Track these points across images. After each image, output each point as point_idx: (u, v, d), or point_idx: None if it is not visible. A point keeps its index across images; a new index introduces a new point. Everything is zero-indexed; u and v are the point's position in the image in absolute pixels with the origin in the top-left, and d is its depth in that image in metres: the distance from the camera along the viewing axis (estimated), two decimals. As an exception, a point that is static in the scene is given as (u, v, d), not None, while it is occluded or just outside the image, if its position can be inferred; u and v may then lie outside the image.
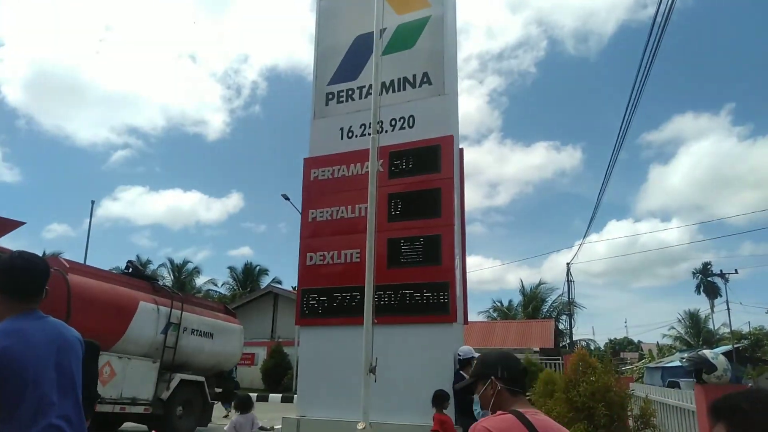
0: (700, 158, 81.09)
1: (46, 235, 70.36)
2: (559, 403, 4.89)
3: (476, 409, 1.80)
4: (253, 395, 20.59)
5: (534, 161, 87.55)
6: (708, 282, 47.20)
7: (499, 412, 1.93)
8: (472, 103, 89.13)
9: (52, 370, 2.08)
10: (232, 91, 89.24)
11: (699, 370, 4.88)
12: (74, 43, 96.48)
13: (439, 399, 6.29)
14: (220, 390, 12.17)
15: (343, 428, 7.14)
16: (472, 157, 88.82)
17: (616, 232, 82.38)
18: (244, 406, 6.92)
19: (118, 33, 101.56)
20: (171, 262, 42.03)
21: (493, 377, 2.01)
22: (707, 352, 4.69)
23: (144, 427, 10.31)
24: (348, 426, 6.19)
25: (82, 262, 15.12)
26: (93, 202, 28.10)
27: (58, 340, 2.17)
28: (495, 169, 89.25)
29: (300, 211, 9.37)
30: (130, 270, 11.32)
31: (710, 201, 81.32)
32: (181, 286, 37.24)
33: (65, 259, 9.15)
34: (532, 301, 39.46)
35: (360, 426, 5.00)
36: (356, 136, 9.08)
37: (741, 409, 1.18)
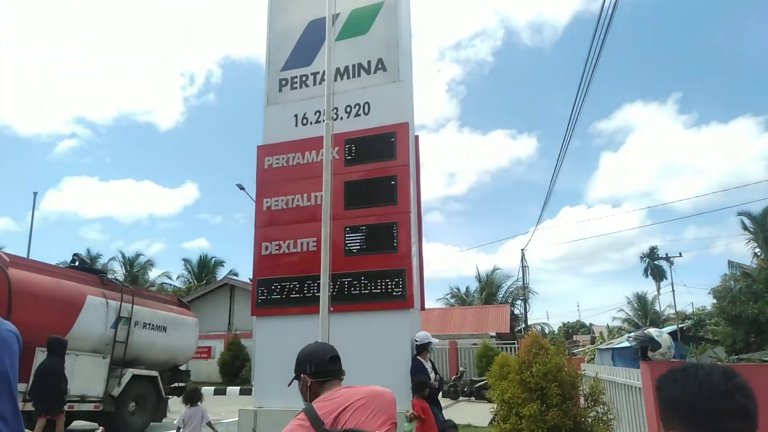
0: (647, 146, 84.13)
1: (-15, 229, 66.83)
2: (513, 385, 4.99)
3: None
4: (211, 389, 20.30)
5: (491, 150, 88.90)
6: (654, 265, 49.15)
7: (317, 399, 2.07)
8: (430, 92, 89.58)
9: None
10: (185, 79, 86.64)
11: (645, 347, 5.07)
12: (15, 23, 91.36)
13: (418, 386, 6.39)
14: (178, 384, 11.90)
15: (300, 417, 7.09)
16: (431, 145, 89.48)
17: (569, 219, 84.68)
18: (192, 398, 6.75)
19: (63, 13, 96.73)
20: (122, 255, 40.74)
21: (303, 374, 2.18)
22: (652, 331, 4.88)
23: (94, 424, 9.99)
24: (306, 415, 6.15)
25: (25, 256, 14.41)
26: (35, 194, 26.89)
27: None
28: (453, 158, 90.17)
29: (255, 200, 9.21)
30: (77, 263, 10.88)
31: (657, 187, 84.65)
32: (134, 279, 36.15)
33: (5, 253, 8.70)
34: (488, 288, 40.27)
35: (317, 414, 4.97)
36: (311, 123, 8.97)
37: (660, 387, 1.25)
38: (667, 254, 37.90)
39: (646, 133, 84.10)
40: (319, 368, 2.17)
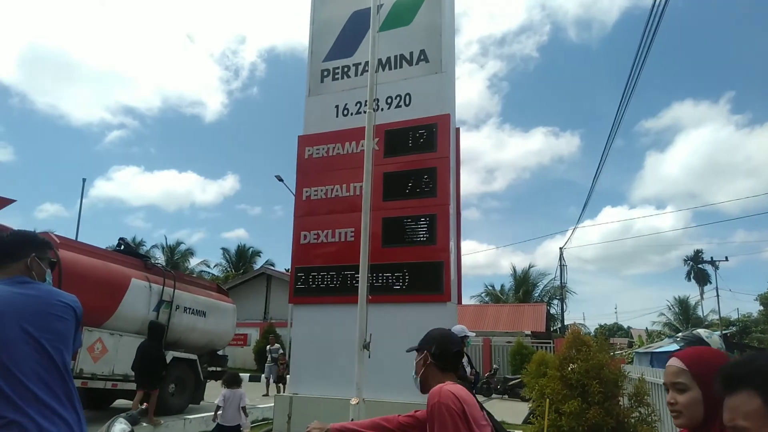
0: (697, 146, 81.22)
1: (38, 215, 69.75)
2: (553, 381, 4.88)
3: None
4: (246, 375, 20.68)
5: (532, 147, 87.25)
6: (698, 269, 47.59)
7: (448, 382, 2.13)
8: (472, 87, 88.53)
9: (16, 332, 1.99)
10: (230, 73, 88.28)
11: (693, 349, 4.88)
12: (69, 20, 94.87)
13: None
14: (215, 369, 12.16)
15: (335, 405, 7.15)
16: (470, 142, 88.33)
17: (610, 219, 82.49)
18: (232, 382, 7.06)
19: (113, 9, 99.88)
20: (165, 241, 41.90)
21: (426, 351, 2.27)
22: (702, 331, 4.70)
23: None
24: (340, 403, 6.19)
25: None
26: (84, 180, 27.92)
27: (29, 302, 2.10)
28: (492, 155, 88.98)
29: (293, 192, 9.29)
30: (122, 247, 11.23)
31: (705, 189, 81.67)
32: (174, 267, 37.10)
33: (56, 235, 9.03)
34: (524, 285, 39.70)
35: (353, 401, 4.99)
36: (351, 113, 8.98)
37: None
38: (712, 258, 36.66)
39: (696, 133, 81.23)
40: (442, 355, 2.25)
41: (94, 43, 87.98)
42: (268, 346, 17.80)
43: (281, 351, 17.06)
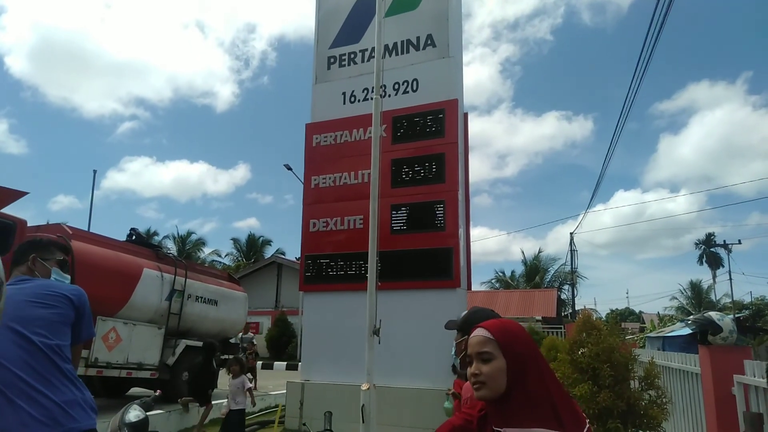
0: (712, 128, 79.65)
1: (52, 207, 70.44)
2: (563, 365, 4.88)
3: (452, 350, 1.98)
4: (258, 363, 20.88)
5: (544, 131, 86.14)
6: (711, 252, 47.20)
7: None
8: (483, 72, 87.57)
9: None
10: (240, 63, 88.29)
11: (704, 331, 4.85)
12: (79, 10, 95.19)
13: (461, 365, 6.39)
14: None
15: (346, 391, 7.21)
16: (481, 127, 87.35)
17: (622, 203, 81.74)
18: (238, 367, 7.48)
19: (124, 1, 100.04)
20: (177, 231, 42.25)
21: None
22: (713, 314, 4.65)
23: (150, 392, 10.44)
24: (351, 389, 6.24)
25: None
26: (95, 172, 27.99)
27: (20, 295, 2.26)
28: (504, 140, 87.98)
29: (302, 180, 9.30)
30: (134, 238, 11.31)
31: (720, 172, 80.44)
32: (187, 257, 37.42)
33: (68, 226, 9.11)
34: (534, 272, 39.62)
35: (364, 387, 5.02)
36: (359, 100, 8.94)
37: None
38: (725, 241, 36.32)
39: (711, 115, 79.95)
40: None
41: (105, 35, 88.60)
42: (240, 334, 15.53)
43: (252, 340, 16.18)
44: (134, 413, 2.61)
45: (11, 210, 8.23)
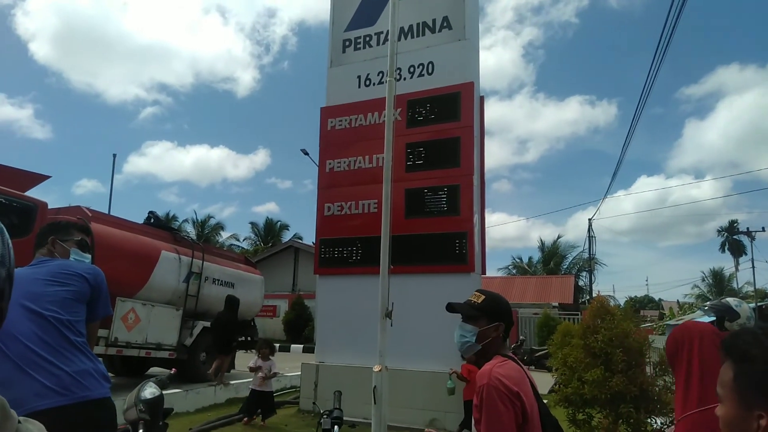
0: (740, 112, 77.41)
1: (76, 191, 71.73)
2: (576, 349, 4.85)
3: (464, 335, 1.80)
4: (276, 345, 21.17)
5: (567, 116, 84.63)
6: (733, 240, 46.36)
7: (499, 357, 2.03)
8: (505, 56, 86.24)
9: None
10: (261, 48, 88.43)
11: (721, 318, 4.77)
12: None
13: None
14: (245, 338, 12.43)
15: (359, 373, 7.27)
16: (502, 112, 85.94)
17: (645, 189, 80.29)
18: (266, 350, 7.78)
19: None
20: (195, 216, 42.70)
21: (500, 323, 2.11)
22: (731, 300, 4.56)
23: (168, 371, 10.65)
24: (364, 371, 6.29)
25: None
26: (114, 156, 28.23)
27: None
28: (525, 125, 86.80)
29: (318, 164, 9.31)
30: (152, 221, 11.46)
31: (747, 158, 78.44)
32: (206, 241, 37.85)
33: (88, 209, 9.26)
34: (552, 257, 39.33)
35: (376, 369, 5.06)
36: (374, 84, 8.89)
37: (750, 357, 1.06)
38: (748, 228, 35.63)
39: (740, 99, 77.78)
40: (508, 326, 2.14)
41: (127, 19, 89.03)
42: None
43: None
44: (150, 390, 2.68)
45: (35, 193, 8.40)
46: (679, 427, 2.91)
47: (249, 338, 12.46)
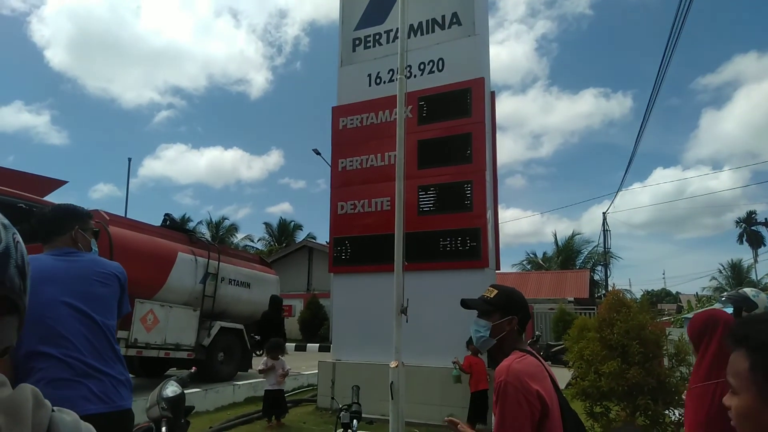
0: (759, 101, 75.71)
1: (93, 195, 72.54)
2: (592, 342, 4.85)
3: (479, 330, 1.78)
4: (292, 345, 21.29)
5: (581, 110, 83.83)
6: (751, 231, 45.72)
7: (517, 352, 2.03)
8: (518, 50, 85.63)
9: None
10: (273, 49, 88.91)
11: (739, 308, 4.74)
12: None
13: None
14: (260, 338, 12.53)
15: (376, 370, 7.31)
16: (515, 106, 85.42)
17: (661, 181, 79.17)
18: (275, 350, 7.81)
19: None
20: (210, 218, 43.05)
21: (514, 316, 2.11)
22: (748, 290, 4.52)
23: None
24: (380, 367, 6.33)
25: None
26: (130, 160, 28.40)
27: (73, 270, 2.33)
28: (539, 119, 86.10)
29: (330, 164, 9.37)
30: (168, 223, 11.59)
31: (766, 147, 77.10)
32: (220, 242, 38.13)
33: (106, 212, 9.41)
34: (567, 253, 39.07)
35: (393, 365, 5.10)
36: (384, 82, 8.92)
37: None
38: (766, 219, 35.06)
39: (758, 88, 76.36)
40: (523, 320, 2.14)
41: (140, 23, 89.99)
42: None
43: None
44: (171, 389, 2.74)
45: (53, 198, 8.55)
46: (689, 395, 2.93)
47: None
